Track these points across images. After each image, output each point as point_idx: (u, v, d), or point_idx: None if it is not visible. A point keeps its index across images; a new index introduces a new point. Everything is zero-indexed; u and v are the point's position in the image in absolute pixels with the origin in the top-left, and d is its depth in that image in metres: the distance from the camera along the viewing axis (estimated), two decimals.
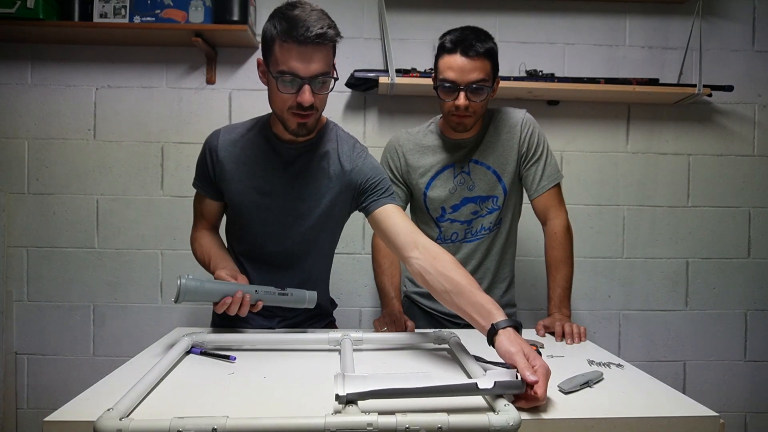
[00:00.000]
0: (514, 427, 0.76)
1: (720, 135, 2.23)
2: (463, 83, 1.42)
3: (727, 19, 2.21)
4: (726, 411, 2.25)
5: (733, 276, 2.26)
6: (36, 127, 2.12)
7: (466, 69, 1.42)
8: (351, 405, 0.80)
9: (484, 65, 1.43)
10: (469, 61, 1.41)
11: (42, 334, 2.14)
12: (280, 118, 1.25)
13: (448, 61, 1.44)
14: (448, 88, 1.44)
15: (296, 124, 1.22)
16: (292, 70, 1.15)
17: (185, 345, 1.16)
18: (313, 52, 1.15)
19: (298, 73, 1.15)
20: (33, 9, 1.89)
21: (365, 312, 2.21)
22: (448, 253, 1.18)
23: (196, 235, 1.46)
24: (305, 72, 1.16)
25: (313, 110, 1.21)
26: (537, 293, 2.16)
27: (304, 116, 1.21)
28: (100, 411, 0.76)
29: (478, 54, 1.41)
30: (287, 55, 1.15)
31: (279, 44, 1.15)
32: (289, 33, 1.13)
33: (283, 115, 1.23)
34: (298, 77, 1.16)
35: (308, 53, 1.14)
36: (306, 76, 1.16)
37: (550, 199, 1.56)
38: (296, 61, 1.15)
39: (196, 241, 1.44)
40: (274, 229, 1.36)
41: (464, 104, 1.43)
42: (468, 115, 1.46)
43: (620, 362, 1.15)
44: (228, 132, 1.37)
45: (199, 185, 1.42)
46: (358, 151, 1.36)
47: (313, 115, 1.22)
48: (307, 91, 1.17)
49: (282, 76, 1.16)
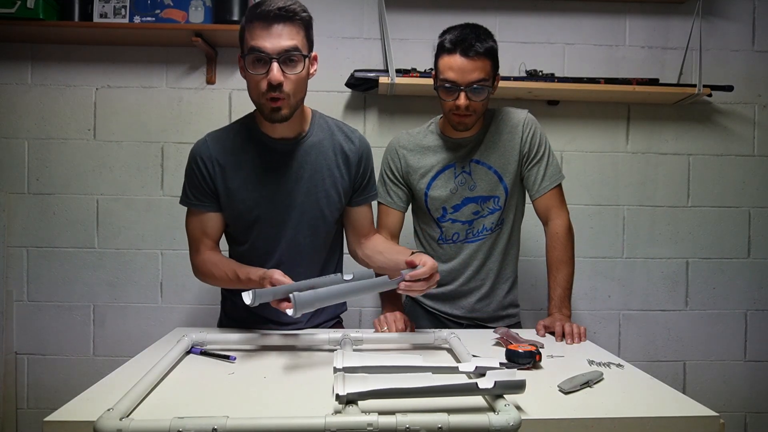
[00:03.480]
0: (515, 427, 0.76)
1: (720, 135, 2.23)
2: (464, 84, 1.42)
3: (727, 19, 2.21)
4: (726, 411, 2.24)
5: (733, 276, 2.26)
6: (36, 127, 2.12)
7: (466, 70, 1.41)
8: (351, 405, 0.80)
9: (484, 65, 1.42)
10: (469, 61, 1.41)
11: (42, 334, 2.14)
12: (257, 105, 1.27)
13: (448, 61, 1.43)
14: (449, 88, 1.44)
15: (270, 108, 1.23)
16: (258, 46, 1.18)
17: (185, 345, 1.17)
18: (279, 29, 1.17)
19: (265, 49, 1.17)
20: (33, 9, 1.88)
21: (365, 312, 2.21)
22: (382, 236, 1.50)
23: (202, 258, 1.34)
24: (272, 48, 1.18)
25: (284, 93, 1.21)
26: (537, 293, 2.16)
27: (276, 99, 1.21)
28: (100, 411, 0.76)
29: (478, 54, 1.41)
30: (253, 34, 1.19)
31: (247, 29, 1.20)
32: (254, 13, 1.18)
33: (260, 101, 1.24)
34: (265, 54, 1.18)
35: (274, 30, 1.17)
36: (273, 53, 1.18)
37: (552, 199, 1.56)
38: (262, 38, 1.18)
39: (205, 264, 1.33)
40: (281, 228, 1.34)
41: (465, 104, 1.43)
42: (468, 114, 1.46)
43: (620, 362, 1.15)
44: (215, 139, 1.34)
45: (193, 202, 1.34)
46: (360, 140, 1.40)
47: (287, 100, 1.22)
48: (275, 68, 1.18)
49: (250, 55, 1.19)
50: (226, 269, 1.29)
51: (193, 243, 1.37)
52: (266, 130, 1.32)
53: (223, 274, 1.30)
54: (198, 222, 1.36)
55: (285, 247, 1.36)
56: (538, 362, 1.10)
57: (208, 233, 1.36)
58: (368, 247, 1.46)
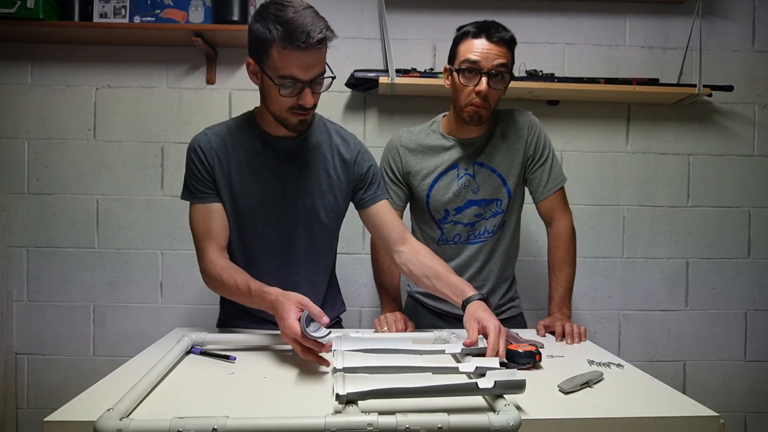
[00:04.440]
0: (515, 427, 0.76)
1: (720, 135, 2.23)
2: (487, 67, 1.40)
3: (727, 19, 2.21)
4: (726, 411, 2.24)
5: (733, 276, 2.26)
6: (36, 127, 2.12)
7: (490, 53, 1.40)
8: (351, 405, 0.80)
9: (506, 53, 1.42)
10: (494, 45, 1.40)
11: (42, 334, 2.14)
12: (278, 117, 1.26)
13: (472, 44, 1.42)
14: (470, 72, 1.42)
15: (297, 121, 1.24)
16: (294, 75, 1.16)
17: (185, 345, 1.17)
18: (314, 56, 1.16)
19: (300, 78, 1.17)
20: (33, 9, 1.88)
21: (365, 312, 2.21)
22: (427, 247, 1.38)
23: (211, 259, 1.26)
24: (306, 76, 1.17)
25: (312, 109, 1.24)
26: (537, 293, 2.16)
27: (305, 114, 1.23)
28: (100, 411, 0.76)
29: (503, 41, 1.41)
30: (288, 61, 1.15)
31: (278, 50, 1.14)
32: (290, 40, 1.12)
33: (283, 115, 1.24)
34: (299, 81, 1.17)
35: (309, 58, 1.15)
36: (307, 80, 1.18)
37: (556, 201, 1.55)
38: (298, 67, 1.16)
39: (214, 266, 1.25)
40: (277, 226, 1.35)
41: (485, 91, 1.40)
42: (484, 106, 1.43)
43: (620, 362, 1.15)
44: (215, 133, 1.33)
45: (196, 195, 1.31)
46: (355, 141, 1.41)
47: (311, 111, 1.25)
48: (309, 93, 1.19)
49: (284, 82, 1.17)
50: (236, 277, 1.22)
51: (199, 243, 1.30)
52: (267, 128, 1.32)
53: (232, 281, 1.22)
54: (202, 216, 1.30)
55: (281, 246, 1.36)
56: (538, 362, 1.10)
57: (213, 230, 1.29)
58: (410, 260, 1.35)
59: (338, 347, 0.93)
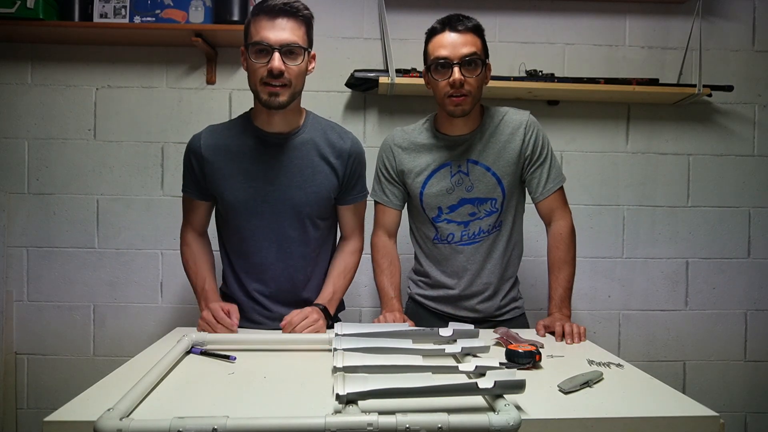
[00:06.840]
0: (515, 427, 0.76)
1: (720, 135, 2.23)
2: (456, 58, 1.42)
3: (727, 19, 2.21)
4: (726, 411, 2.24)
5: (733, 276, 2.26)
6: (36, 127, 2.12)
7: (457, 43, 1.42)
8: (351, 405, 0.80)
9: (474, 40, 1.44)
10: (459, 35, 1.43)
11: (42, 334, 2.14)
12: (255, 93, 1.33)
13: (439, 39, 1.45)
14: (442, 65, 1.43)
15: (267, 93, 1.31)
16: (262, 39, 1.27)
17: (185, 345, 1.17)
18: (283, 23, 1.28)
19: (268, 41, 1.27)
20: (33, 9, 1.88)
21: (365, 312, 2.21)
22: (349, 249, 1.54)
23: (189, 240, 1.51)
24: (274, 39, 1.27)
25: (285, 81, 1.30)
26: (537, 293, 2.16)
27: (275, 86, 1.29)
28: (100, 411, 0.76)
29: (467, 28, 1.43)
30: (259, 27, 1.28)
31: (252, 22, 1.30)
32: (260, 7, 1.29)
33: (257, 88, 1.32)
34: (268, 46, 1.27)
35: (277, 23, 1.27)
36: (275, 44, 1.27)
37: (556, 201, 1.55)
38: (266, 30, 1.27)
39: (190, 250, 1.50)
40: (271, 220, 1.39)
41: (460, 79, 1.41)
42: (464, 94, 1.44)
43: (620, 362, 1.15)
44: (210, 132, 1.44)
45: (186, 188, 1.48)
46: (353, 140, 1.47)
47: (286, 89, 1.31)
48: (276, 57, 1.27)
49: (254, 47, 1.28)
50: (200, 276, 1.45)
51: (183, 223, 1.54)
52: (261, 125, 1.40)
53: (194, 274, 1.46)
54: (188, 206, 1.51)
55: (274, 238, 1.41)
56: (538, 362, 1.10)
57: (194, 220, 1.51)
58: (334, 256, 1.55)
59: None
